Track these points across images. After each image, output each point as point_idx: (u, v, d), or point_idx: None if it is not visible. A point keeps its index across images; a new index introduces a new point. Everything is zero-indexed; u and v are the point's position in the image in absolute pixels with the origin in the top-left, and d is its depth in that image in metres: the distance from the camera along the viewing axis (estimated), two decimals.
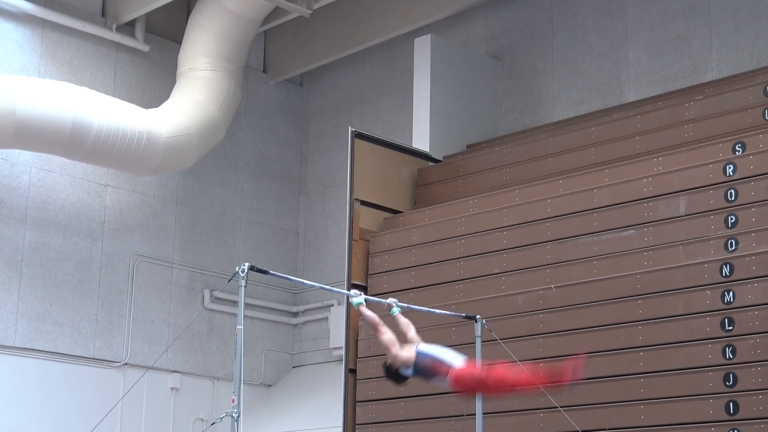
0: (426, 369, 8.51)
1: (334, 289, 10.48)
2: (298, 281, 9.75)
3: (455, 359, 8.50)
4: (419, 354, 8.53)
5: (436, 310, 10.36)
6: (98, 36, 15.21)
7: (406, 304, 9.57)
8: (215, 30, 14.82)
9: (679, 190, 10.82)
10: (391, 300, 9.21)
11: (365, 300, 9.04)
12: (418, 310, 10.21)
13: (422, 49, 14.54)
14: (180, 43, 15.26)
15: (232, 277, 8.40)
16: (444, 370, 8.44)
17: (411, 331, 8.79)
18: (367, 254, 13.05)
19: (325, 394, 15.16)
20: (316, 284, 9.85)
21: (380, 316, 8.79)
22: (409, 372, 8.59)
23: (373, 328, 8.70)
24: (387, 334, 8.58)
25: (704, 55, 13.29)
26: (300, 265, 17.00)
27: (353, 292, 9.15)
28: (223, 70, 14.95)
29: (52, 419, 14.24)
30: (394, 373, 8.63)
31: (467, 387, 8.60)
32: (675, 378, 10.21)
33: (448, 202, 13.10)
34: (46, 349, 14.35)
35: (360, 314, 8.90)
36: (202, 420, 15.53)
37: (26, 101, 13.06)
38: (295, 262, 17.01)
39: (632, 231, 11.06)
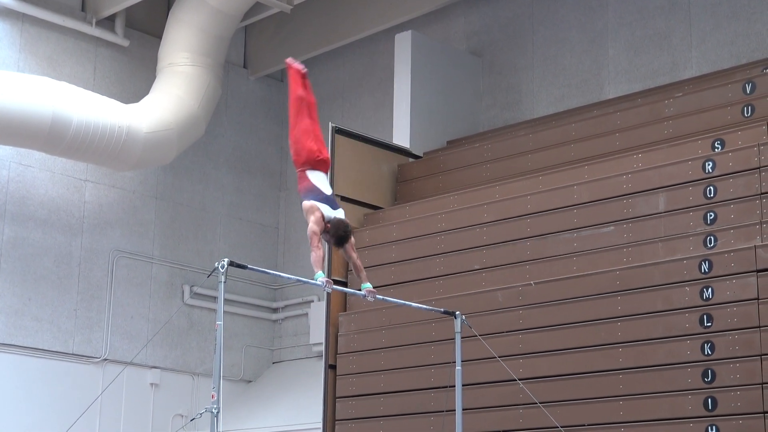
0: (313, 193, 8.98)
1: (311, 281, 10.34)
2: (276, 274, 9.71)
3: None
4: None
5: (415, 304, 10.35)
6: (78, 31, 15.16)
7: (382, 296, 9.55)
8: (195, 25, 14.79)
9: (658, 186, 10.85)
10: (366, 288, 9.19)
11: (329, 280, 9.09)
12: (397, 305, 10.23)
13: (403, 45, 14.54)
14: (160, 38, 15.23)
15: (212, 272, 8.37)
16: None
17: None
18: None
19: (305, 389, 15.16)
20: (293, 277, 9.80)
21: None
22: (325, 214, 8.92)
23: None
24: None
25: (684, 53, 13.33)
26: (280, 260, 16.98)
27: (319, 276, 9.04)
28: (204, 66, 14.92)
29: (31, 415, 14.19)
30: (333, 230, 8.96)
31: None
32: (654, 374, 10.24)
33: (428, 198, 13.11)
34: (25, 345, 14.31)
35: (327, 284, 8.98)
36: (182, 416, 15.51)
37: (5, 96, 13.00)
38: (275, 257, 16.99)
39: (612, 228, 11.08)
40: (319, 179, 9.08)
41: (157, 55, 15.16)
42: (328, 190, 9.10)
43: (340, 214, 9.04)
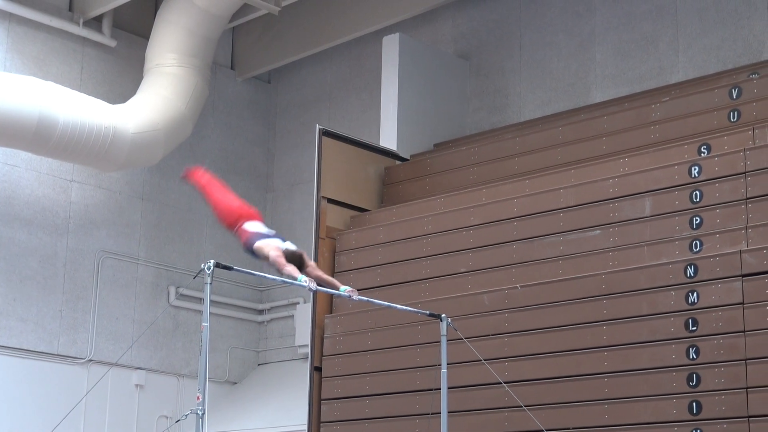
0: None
1: (295, 282, 10.30)
2: (262, 275, 9.68)
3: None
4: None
5: (400, 306, 10.34)
6: (65, 31, 15.13)
7: (367, 298, 9.55)
8: (183, 26, 14.77)
9: (644, 191, 10.87)
10: (347, 289, 9.26)
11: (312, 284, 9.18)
12: (383, 307, 10.23)
13: (390, 47, 14.55)
14: (147, 38, 15.21)
15: (198, 273, 8.35)
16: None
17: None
18: (334, 252, 13.04)
19: (291, 391, 15.15)
20: (278, 278, 9.76)
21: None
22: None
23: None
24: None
25: (670, 57, 13.36)
26: (265, 262, 16.92)
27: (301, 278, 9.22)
28: (191, 67, 14.90)
29: (15, 416, 14.15)
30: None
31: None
32: (639, 378, 10.25)
33: (414, 201, 13.11)
34: (10, 345, 14.27)
35: (310, 283, 9.09)
36: (167, 417, 15.48)
37: None
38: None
39: (598, 231, 11.10)
40: (256, 227, 9.45)
41: (144, 56, 15.14)
42: (268, 231, 9.48)
43: (290, 245, 9.30)
